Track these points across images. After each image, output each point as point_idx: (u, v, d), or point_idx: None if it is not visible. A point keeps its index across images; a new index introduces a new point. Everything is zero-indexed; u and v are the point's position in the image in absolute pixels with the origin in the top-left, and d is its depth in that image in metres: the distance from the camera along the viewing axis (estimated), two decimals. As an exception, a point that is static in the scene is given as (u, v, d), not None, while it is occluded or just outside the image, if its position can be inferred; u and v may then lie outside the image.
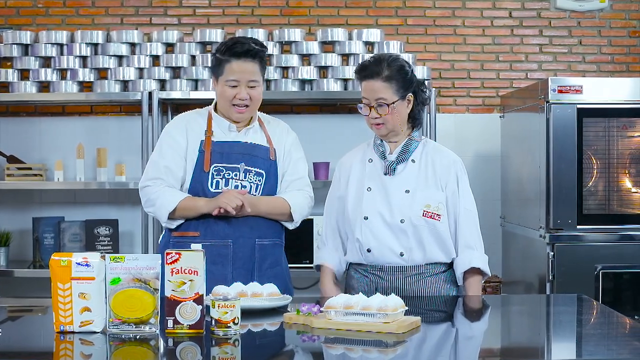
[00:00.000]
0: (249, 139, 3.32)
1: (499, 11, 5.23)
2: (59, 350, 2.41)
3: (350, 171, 3.25)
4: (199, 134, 3.30)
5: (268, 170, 3.31)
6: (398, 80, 3.09)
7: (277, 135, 3.39)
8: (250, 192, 3.26)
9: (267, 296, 2.82)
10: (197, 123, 3.33)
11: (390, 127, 3.13)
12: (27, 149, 5.05)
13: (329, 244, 3.29)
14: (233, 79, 3.22)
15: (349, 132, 5.03)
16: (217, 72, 3.26)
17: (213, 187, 3.25)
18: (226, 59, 3.22)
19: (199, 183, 3.25)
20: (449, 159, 3.21)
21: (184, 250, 2.49)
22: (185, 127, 3.32)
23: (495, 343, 2.66)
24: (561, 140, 4.26)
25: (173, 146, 3.30)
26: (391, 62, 3.10)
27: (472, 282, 3.16)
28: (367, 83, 3.11)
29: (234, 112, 3.26)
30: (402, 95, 3.11)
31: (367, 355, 2.39)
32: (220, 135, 3.31)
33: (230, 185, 3.25)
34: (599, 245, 4.28)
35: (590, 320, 2.97)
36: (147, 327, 2.47)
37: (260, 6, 5.16)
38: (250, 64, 3.22)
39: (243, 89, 3.23)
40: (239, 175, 3.26)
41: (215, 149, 3.27)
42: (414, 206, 3.11)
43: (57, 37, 4.79)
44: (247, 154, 3.28)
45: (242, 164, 3.26)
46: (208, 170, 3.24)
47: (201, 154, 3.27)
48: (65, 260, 2.47)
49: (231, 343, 2.40)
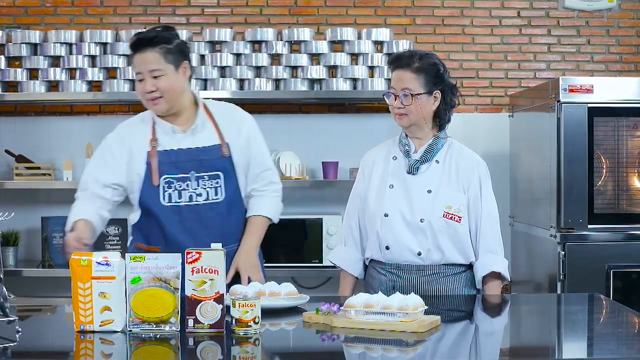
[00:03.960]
0: (196, 141, 3.16)
1: (507, 11, 5.22)
2: (79, 350, 2.41)
3: (373, 168, 3.24)
4: (143, 144, 3.16)
5: (224, 168, 3.18)
6: (427, 74, 3.09)
7: (228, 128, 3.22)
8: (209, 197, 3.15)
9: (285, 295, 2.82)
10: (140, 132, 3.19)
11: (412, 119, 3.12)
12: (36, 149, 5.04)
13: (350, 245, 3.28)
14: (137, 72, 3.09)
15: (358, 131, 5.03)
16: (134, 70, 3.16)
17: (166, 200, 3.13)
18: (131, 54, 3.11)
19: (150, 198, 3.14)
20: (473, 161, 3.20)
21: (204, 250, 2.49)
22: (128, 139, 3.18)
23: (514, 342, 2.66)
24: (572, 140, 4.26)
25: (107, 158, 3.19)
26: (424, 57, 3.12)
27: (492, 286, 3.16)
28: (397, 72, 3.13)
29: (150, 105, 3.12)
30: (429, 90, 3.11)
31: (387, 355, 2.39)
32: (165, 141, 3.16)
33: (183, 197, 3.14)
34: (609, 244, 4.29)
35: (606, 319, 2.97)
36: (167, 326, 2.47)
37: (268, 5, 5.16)
38: (150, 54, 3.05)
39: (148, 80, 3.06)
40: (191, 185, 3.14)
41: (162, 160, 3.13)
42: (435, 206, 3.11)
43: (66, 37, 4.78)
44: (196, 159, 3.14)
45: (193, 172, 3.14)
46: (157, 184, 3.12)
47: (148, 166, 3.13)
48: (85, 260, 2.47)
49: (252, 342, 2.40)
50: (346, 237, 3.30)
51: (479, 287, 3.20)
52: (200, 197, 3.14)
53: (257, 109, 5.11)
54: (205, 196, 3.14)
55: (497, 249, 3.18)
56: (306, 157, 4.93)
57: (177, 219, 3.13)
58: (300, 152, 4.91)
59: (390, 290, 3.06)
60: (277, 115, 5.12)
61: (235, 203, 3.23)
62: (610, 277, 4.26)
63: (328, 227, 4.71)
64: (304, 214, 4.84)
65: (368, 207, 3.20)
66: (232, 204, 3.21)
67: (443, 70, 3.15)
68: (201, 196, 3.14)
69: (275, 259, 4.69)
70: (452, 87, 3.19)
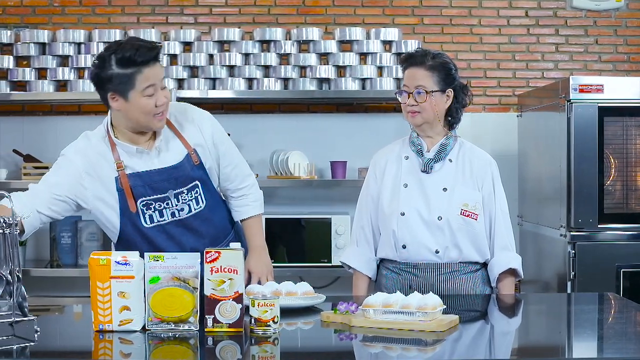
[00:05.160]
0: (165, 160, 2.98)
1: (515, 10, 5.22)
2: (98, 349, 2.41)
3: (385, 168, 3.24)
4: (109, 169, 2.95)
5: (200, 177, 3.05)
6: (440, 72, 3.11)
7: (191, 133, 3.05)
8: (191, 209, 3.03)
9: (302, 295, 2.82)
10: (101, 155, 2.97)
11: (425, 117, 3.13)
12: (44, 148, 5.03)
13: (362, 246, 3.27)
14: (149, 85, 2.83)
15: (366, 131, 5.03)
16: (124, 89, 2.82)
17: (148, 222, 2.98)
18: (134, 71, 2.80)
19: (131, 223, 2.98)
20: (485, 159, 3.24)
21: (223, 249, 2.48)
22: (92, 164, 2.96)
23: (531, 340, 2.65)
24: (582, 139, 4.26)
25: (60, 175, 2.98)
26: (436, 56, 3.14)
27: (507, 283, 3.17)
28: (409, 71, 3.13)
29: (156, 122, 2.90)
30: (442, 89, 3.12)
31: (406, 354, 2.39)
32: (131, 163, 2.96)
33: (165, 215, 2.99)
34: (619, 244, 4.29)
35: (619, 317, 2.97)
36: (186, 325, 2.47)
37: (276, 5, 5.15)
38: (158, 66, 2.87)
39: (160, 93, 2.86)
40: (171, 203, 2.99)
41: (134, 184, 2.94)
42: (452, 204, 3.12)
43: (74, 36, 4.78)
44: (171, 178, 2.98)
45: (170, 191, 2.99)
46: (135, 210, 2.96)
47: (120, 193, 2.95)
48: (104, 259, 2.47)
49: (271, 342, 2.40)
50: (358, 238, 3.29)
51: (493, 285, 3.20)
52: (182, 212, 3.02)
53: (266, 108, 5.12)
54: (188, 209, 3.03)
55: (512, 245, 3.21)
56: (314, 156, 4.93)
57: (163, 236, 3.02)
58: (308, 151, 4.90)
59: (407, 289, 3.06)
60: (286, 115, 5.12)
61: (217, 204, 3.16)
62: (620, 277, 4.26)
63: (337, 226, 4.71)
64: (313, 213, 4.84)
65: (382, 207, 3.20)
66: (213, 206, 3.12)
67: (454, 70, 3.17)
68: (184, 210, 3.02)
69: (284, 259, 4.69)
70: (463, 86, 3.21)
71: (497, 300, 3.12)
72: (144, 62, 2.81)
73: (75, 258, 4.88)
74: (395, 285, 3.15)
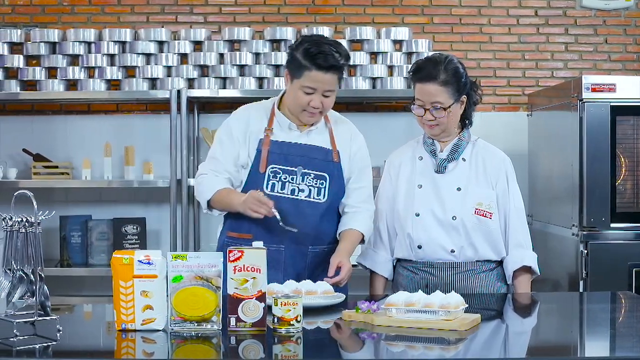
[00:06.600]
0: (310, 140, 3.19)
1: (524, 10, 5.23)
2: (120, 349, 2.40)
3: (399, 169, 3.25)
4: (259, 130, 3.19)
5: (331, 172, 3.18)
6: (454, 84, 3.09)
7: (342, 138, 3.24)
8: (311, 195, 3.15)
9: (322, 294, 2.82)
10: (259, 118, 3.21)
11: (443, 128, 3.15)
12: (54, 148, 5.03)
13: (379, 247, 3.28)
14: (310, 86, 3.06)
15: (376, 130, 5.02)
16: (294, 73, 3.09)
17: (269, 189, 3.13)
18: (307, 66, 3.04)
19: (254, 184, 3.13)
20: (499, 157, 3.24)
21: (246, 248, 2.48)
22: (247, 122, 3.21)
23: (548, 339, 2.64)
24: (594, 138, 4.26)
25: (226, 143, 3.20)
26: (447, 65, 3.09)
27: (522, 280, 3.18)
28: (422, 85, 3.10)
29: (305, 117, 3.14)
30: (457, 99, 3.12)
31: (428, 353, 2.39)
32: (279, 134, 3.19)
33: (286, 188, 3.14)
34: (631, 243, 4.29)
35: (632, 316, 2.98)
36: (209, 325, 2.46)
37: (286, 4, 5.15)
38: (330, 76, 3.06)
39: (318, 97, 3.08)
40: (296, 179, 3.14)
41: (273, 150, 3.16)
42: (466, 204, 3.12)
43: (84, 36, 4.78)
44: (305, 156, 3.16)
45: (300, 167, 3.15)
46: (264, 172, 3.14)
47: (258, 153, 3.16)
48: (127, 258, 2.46)
49: (294, 341, 2.39)
50: (374, 239, 3.29)
51: (509, 283, 3.20)
52: (302, 193, 3.14)
53: (276, 107, 5.11)
54: (307, 193, 3.14)
55: (527, 243, 3.21)
56: (325, 156, 4.91)
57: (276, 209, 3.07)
58: (318, 151, 4.89)
59: (424, 288, 3.06)
60: (295, 114, 5.11)
61: (334, 208, 3.22)
62: (633, 276, 4.26)
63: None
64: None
65: (397, 208, 3.20)
66: (331, 208, 3.19)
67: (464, 72, 3.15)
68: (303, 192, 3.14)
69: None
70: (473, 84, 3.21)
71: (512, 299, 3.12)
72: (319, 66, 3.03)
73: (85, 257, 4.87)
74: (413, 284, 3.15)
